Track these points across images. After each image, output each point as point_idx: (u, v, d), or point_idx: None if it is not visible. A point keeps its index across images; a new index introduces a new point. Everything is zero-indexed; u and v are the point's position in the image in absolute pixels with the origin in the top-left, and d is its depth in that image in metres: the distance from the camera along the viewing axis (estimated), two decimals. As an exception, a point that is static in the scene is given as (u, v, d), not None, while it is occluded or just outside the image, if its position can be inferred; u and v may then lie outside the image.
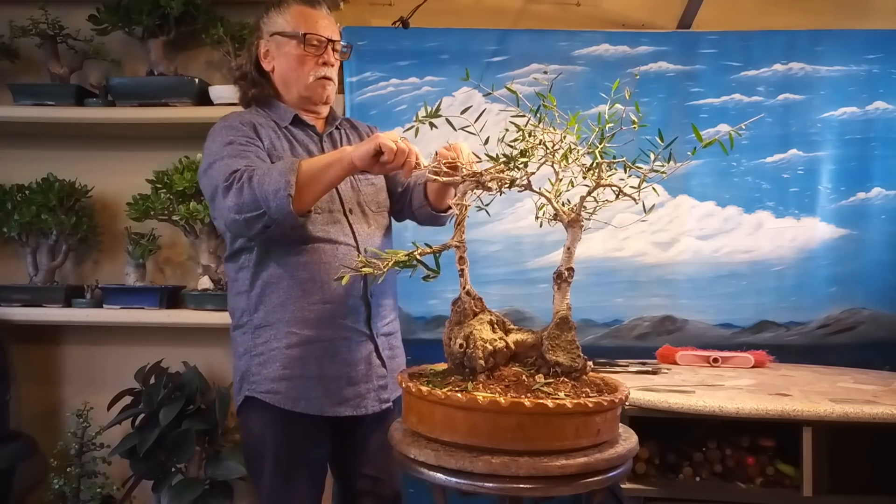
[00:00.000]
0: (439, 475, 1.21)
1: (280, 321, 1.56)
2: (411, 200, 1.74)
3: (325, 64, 1.65)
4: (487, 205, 1.37)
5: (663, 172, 1.22)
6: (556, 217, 1.31)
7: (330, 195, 1.57)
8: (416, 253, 1.29)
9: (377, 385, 1.61)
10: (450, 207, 1.67)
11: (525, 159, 1.29)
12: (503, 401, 1.15)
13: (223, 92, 2.32)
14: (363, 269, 1.29)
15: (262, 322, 1.58)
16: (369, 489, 1.66)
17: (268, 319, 1.57)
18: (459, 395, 1.19)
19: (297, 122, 1.67)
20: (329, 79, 1.67)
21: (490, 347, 1.28)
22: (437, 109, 1.43)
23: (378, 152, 1.38)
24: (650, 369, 2.15)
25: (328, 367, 1.56)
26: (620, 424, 1.35)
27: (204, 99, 2.35)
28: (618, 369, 2.16)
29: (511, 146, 1.32)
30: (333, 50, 1.66)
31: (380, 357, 1.62)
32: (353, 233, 1.60)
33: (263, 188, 1.39)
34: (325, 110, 1.73)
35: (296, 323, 1.55)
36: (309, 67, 1.64)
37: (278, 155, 1.57)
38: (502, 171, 1.31)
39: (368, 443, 1.64)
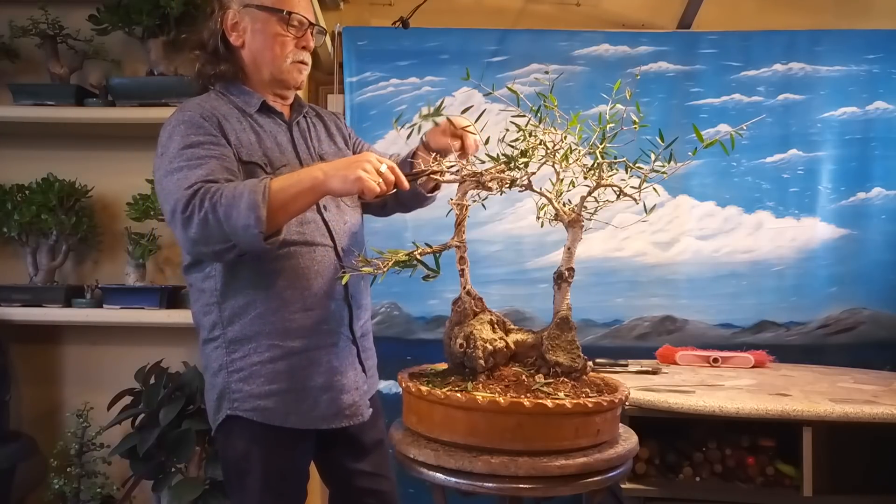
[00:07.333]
0: (439, 475, 1.21)
1: (260, 334, 1.44)
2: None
3: (304, 48, 1.54)
4: (485, 199, 1.37)
5: (664, 173, 1.22)
6: (556, 217, 1.31)
7: None
8: (416, 253, 1.29)
9: (364, 389, 1.57)
10: (437, 187, 1.60)
11: (526, 159, 1.30)
12: (503, 401, 1.15)
13: (223, 92, 2.32)
14: (363, 269, 1.28)
15: (238, 336, 1.46)
16: (368, 486, 1.63)
17: (244, 333, 1.45)
18: (459, 394, 1.19)
19: (263, 108, 1.55)
20: (306, 64, 1.57)
21: (490, 347, 1.28)
22: (439, 108, 1.44)
23: (360, 191, 1.30)
24: (650, 369, 2.16)
25: (317, 377, 1.47)
26: (620, 424, 1.35)
27: (204, 99, 2.34)
28: (618, 369, 2.16)
29: (512, 146, 1.32)
30: (311, 35, 1.56)
31: (361, 363, 1.57)
32: (330, 231, 1.51)
33: (231, 222, 1.28)
34: (292, 96, 1.62)
35: (277, 335, 1.44)
36: (288, 49, 1.52)
37: (246, 152, 1.45)
38: (503, 171, 1.31)
39: (362, 440, 1.61)
